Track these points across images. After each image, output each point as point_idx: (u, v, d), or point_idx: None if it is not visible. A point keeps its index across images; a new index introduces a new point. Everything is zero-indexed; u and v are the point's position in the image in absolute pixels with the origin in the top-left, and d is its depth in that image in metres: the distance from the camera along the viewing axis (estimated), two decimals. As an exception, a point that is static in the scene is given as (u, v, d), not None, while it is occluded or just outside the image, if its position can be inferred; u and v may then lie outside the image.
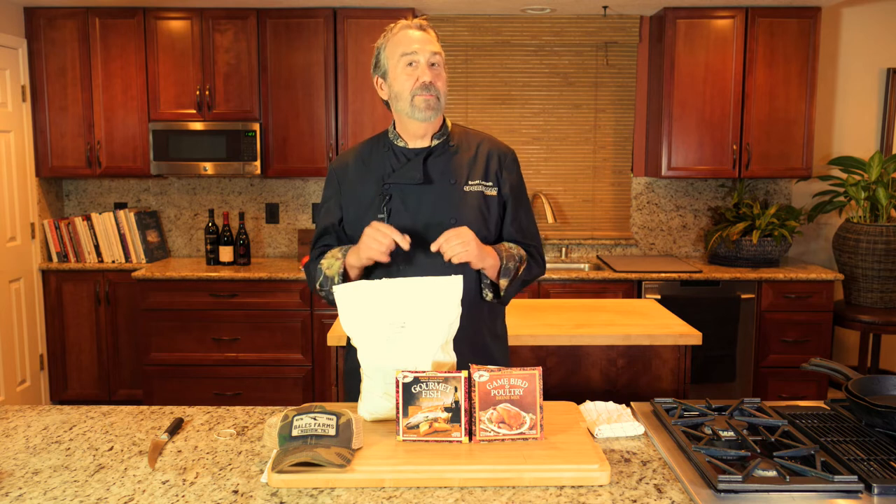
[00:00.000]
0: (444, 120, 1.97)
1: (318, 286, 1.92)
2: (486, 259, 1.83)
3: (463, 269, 1.85)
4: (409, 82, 1.85)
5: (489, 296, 1.93)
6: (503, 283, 1.89)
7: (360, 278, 1.88)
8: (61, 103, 4.35)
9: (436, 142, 1.93)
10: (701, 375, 4.08)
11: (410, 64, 1.86)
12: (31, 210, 4.37)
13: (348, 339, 2.04)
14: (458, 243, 1.75)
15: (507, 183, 1.96)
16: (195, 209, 4.74)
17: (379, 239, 1.74)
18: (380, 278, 1.80)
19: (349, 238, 1.97)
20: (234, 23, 4.28)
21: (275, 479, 1.40)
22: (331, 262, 1.89)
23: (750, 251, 4.28)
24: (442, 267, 1.84)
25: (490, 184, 1.93)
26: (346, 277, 1.87)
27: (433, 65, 1.86)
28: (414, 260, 1.86)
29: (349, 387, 2.04)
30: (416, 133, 1.91)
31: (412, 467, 1.43)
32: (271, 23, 4.28)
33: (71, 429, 1.71)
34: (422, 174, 1.88)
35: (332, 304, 1.86)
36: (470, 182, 1.91)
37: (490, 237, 1.94)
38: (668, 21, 4.26)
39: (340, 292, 1.68)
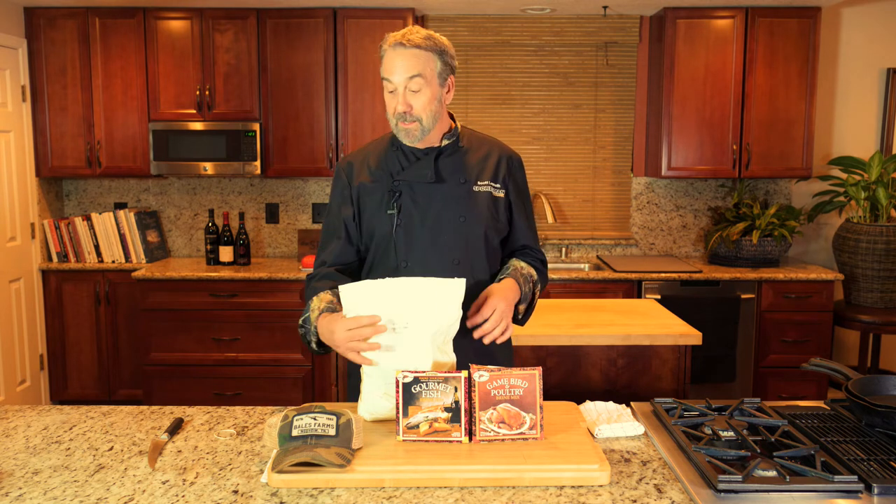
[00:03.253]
0: (454, 121, 1.96)
1: (300, 321, 1.83)
2: (512, 304, 1.81)
3: (467, 271, 1.85)
4: (390, 108, 1.84)
5: None
6: (521, 308, 1.87)
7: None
8: (61, 103, 4.35)
9: (446, 142, 1.92)
10: (701, 375, 4.08)
11: (391, 92, 1.83)
12: (31, 210, 4.37)
13: None
14: (498, 325, 1.73)
15: (515, 187, 1.97)
16: (195, 209, 4.74)
17: (340, 348, 1.67)
18: (382, 276, 1.80)
19: (360, 236, 1.94)
20: (234, 23, 4.28)
21: (275, 479, 1.40)
22: (316, 306, 1.79)
23: (750, 251, 4.28)
24: (446, 266, 1.84)
25: (498, 185, 1.93)
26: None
27: (414, 90, 1.79)
28: (419, 257, 1.85)
29: (349, 387, 2.04)
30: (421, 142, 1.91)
31: (412, 467, 1.43)
32: (271, 23, 4.28)
33: (71, 429, 1.71)
34: (433, 172, 1.88)
35: (305, 341, 1.81)
36: (479, 182, 1.91)
37: (501, 237, 1.95)
38: (668, 21, 4.25)
39: (346, 291, 1.67)
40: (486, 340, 1.74)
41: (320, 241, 2.00)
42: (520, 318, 1.92)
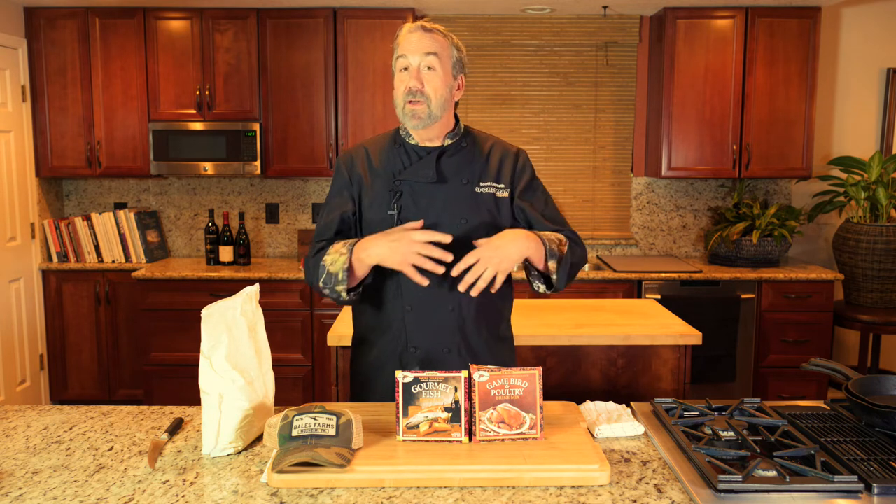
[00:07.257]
0: (457, 119, 1.94)
1: (320, 283, 1.80)
2: (513, 252, 1.72)
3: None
4: (400, 89, 1.83)
5: (541, 287, 1.85)
6: (552, 265, 1.79)
7: (368, 276, 1.81)
8: (61, 103, 4.35)
9: (448, 141, 1.90)
10: (701, 375, 4.08)
11: (405, 69, 1.82)
12: (31, 210, 4.37)
13: (353, 338, 2.04)
14: (485, 269, 1.68)
15: (524, 183, 1.92)
16: (195, 209, 4.74)
17: (403, 252, 1.69)
18: (382, 277, 1.79)
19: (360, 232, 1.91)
20: (234, 23, 4.28)
21: (275, 479, 1.40)
22: (335, 258, 1.77)
23: (750, 251, 4.28)
24: (445, 269, 1.82)
25: (502, 185, 1.89)
26: (350, 272, 1.77)
27: (430, 68, 1.80)
28: None
29: (349, 387, 2.04)
30: (424, 135, 1.88)
31: (412, 467, 1.43)
32: (271, 23, 4.28)
33: (71, 429, 1.71)
34: (435, 172, 1.85)
35: (338, 302, 1.81)
36: (482, 183, 1.88)
37: None
38: (668, 21, 4.25)
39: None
40: (474, 292, 1.70)
41: (318, 229, 1.96)
42: (554, 280, 1.82)
